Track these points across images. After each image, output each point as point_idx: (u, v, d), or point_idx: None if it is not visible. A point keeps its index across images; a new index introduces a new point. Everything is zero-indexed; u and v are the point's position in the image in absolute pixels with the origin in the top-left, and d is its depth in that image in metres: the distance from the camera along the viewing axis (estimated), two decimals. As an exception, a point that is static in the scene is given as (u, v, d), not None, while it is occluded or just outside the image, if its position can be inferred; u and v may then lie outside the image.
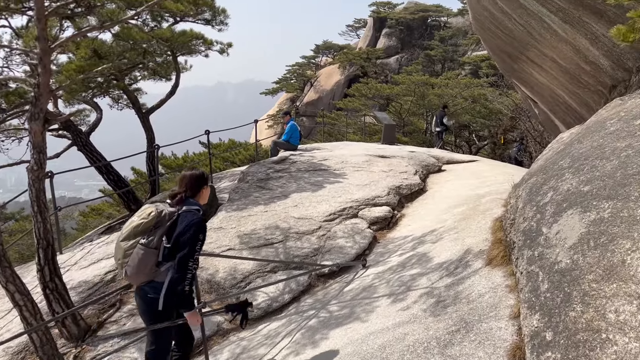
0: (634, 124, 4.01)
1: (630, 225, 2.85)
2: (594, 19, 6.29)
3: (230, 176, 11.58)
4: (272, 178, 9.04)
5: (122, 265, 3.61)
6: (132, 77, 11.41)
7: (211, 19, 9.55)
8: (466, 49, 43.60)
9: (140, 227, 3.59)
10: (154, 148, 10.87)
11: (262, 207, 7.81)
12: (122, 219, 11.36)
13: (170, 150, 20.63)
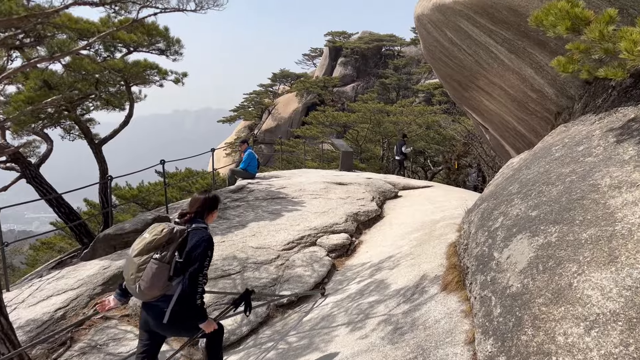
0: (577, 150, 4.19)
1: (575, 248, 2.96)
2: (538, 49, 6.59)
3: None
4: (229, 207, 8.96)
5: (134, 280, 3.68)
6: (84, 107, 11.19)
7: (165, 49, 9.52)
8: (419, 77, 44.79)
9: (154, 243, 3.70)
10: (107, 179, 10.63)
11: (219, 238, 7.71)
12: (74, 252, 10.99)
13: (124, 181, 20.17)
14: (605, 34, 3.29)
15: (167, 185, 13.12)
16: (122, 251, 8.25)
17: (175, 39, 9.38)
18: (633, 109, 4.33)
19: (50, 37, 6.28)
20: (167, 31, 9.27)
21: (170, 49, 9.47)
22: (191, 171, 22.94)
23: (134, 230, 8.63)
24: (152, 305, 3.77)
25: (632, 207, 2.96)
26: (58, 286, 7.34)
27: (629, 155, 3.50)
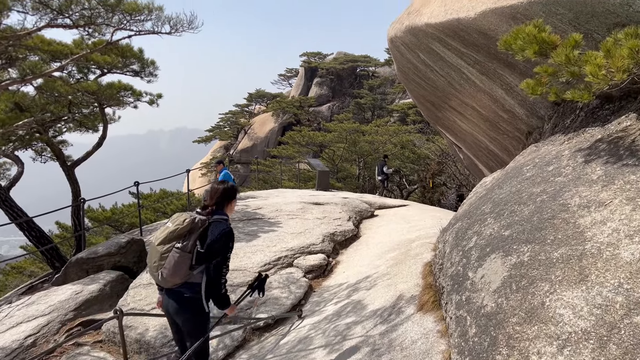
0: (547, 170, 4.28)
1: (547, 267, 3.01)
2: (508, 71, 6.75)
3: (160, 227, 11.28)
4: (205, 229, 8.88)
5: (157, 267, 3.84)
6: (57, 129, 11.03)
7: (140, 70, 9.48)
8: (394, 96, 45.40)
9: (176, 232, 3.80)
10: (79, 202, 10.44)
11: (194, 260, 7.62)
12: (45, 277, 10.71)
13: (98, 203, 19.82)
14: (571, 58, 3.40)
15: (141, 207, 12.96)
16: (95, 275, 8.09)
17: (149, 61, 9.36)
18: (600, 129, 4.46)
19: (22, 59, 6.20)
20: (141, 53, 9.24)
21: (145, 71, 9.44)
22: (166, 192, 22.68)
23: (107, 254, 8.48)
24: (174, 291, 3.90)
25: (600, 227, 3.03)
26: (28, 312, 7.14)
27: (597, 175, 3.60)
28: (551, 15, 4.24)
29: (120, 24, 6.36)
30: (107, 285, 7.71)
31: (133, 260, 8.74)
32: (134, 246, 8.86)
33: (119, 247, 8.64)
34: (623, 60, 3.07)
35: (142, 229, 11.60)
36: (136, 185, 11.21)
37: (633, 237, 2.80)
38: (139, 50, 9.06)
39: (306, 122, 45.16)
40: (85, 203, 10.76)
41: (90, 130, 11.03)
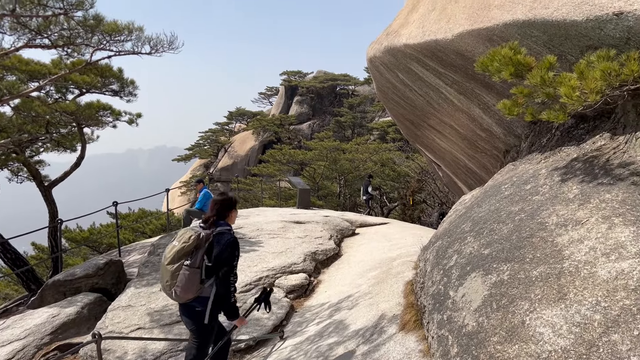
0: (525, 189, 4.35)
1: (527, 286, 3.04)
2: (485, 91, 6.87)
3: (140, 248, 11.13)
4: (185, 249, 8.79)
5: (170, 286, 4.00)
6: (34, 149, 10.87)
7: (119, 90, 9.42)
8: (373, 115, 45.80)
9: (184, 250, 3.98)
10: (56, 223, 10.27)
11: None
12: (20, 299, 10.47)
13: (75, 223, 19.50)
14: (546, 79, 3.48)
15: (119, 228, 12.79)
16: (72, 298, 7.93)
17: (129, 80, 9.31)
18: (575, 148, 4.55)
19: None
20: (121, 72, 9.20)
21: (124, 90, 9.39)
22: (145, 212, 22.46)
23: (85, 275, 8.34)
24: (187, 305, 4.09)
25: (577, 245, 3.08)
26: (3, 337, 6.96)
27: (573, 194, 3.66)
28: (526, 38, 4.35)
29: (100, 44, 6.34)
30: (85, 308, 7.56)
31: (111, 281, 8.60)
32: (112, 267, 8.72)
33: (97, 269, 8.49)
34: (596, 82, 3.15)
35: (121, 250, 11.45)
36: (114, 205, 11.07)
37: (609, 256, 2.85)
38: (119, 70, 9.02)
39: (287, 140, 45.25)
40: (63, 224, 10.59)
41: (68, 150, 10.88)
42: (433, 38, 6.24)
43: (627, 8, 3.12)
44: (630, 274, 2.66)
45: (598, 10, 3.34)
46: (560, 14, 3.71)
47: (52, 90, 9.15)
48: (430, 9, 6.90)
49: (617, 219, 3.10)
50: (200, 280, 4.00)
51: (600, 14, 3.32)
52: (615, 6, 3.20)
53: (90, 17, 6.23)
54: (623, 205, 3.21)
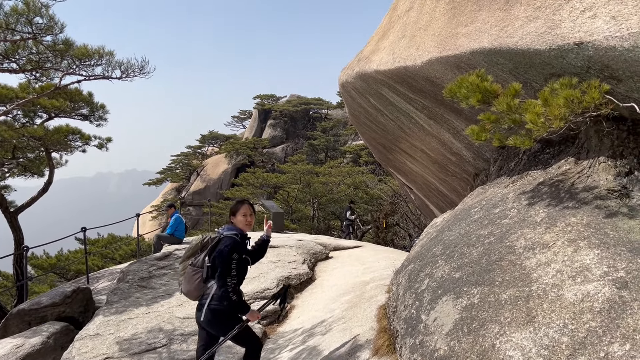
0: (494, 212, 4.42)
1: (497, 309, 3.08)
2: (454, 116, 7.01)
3: (109, 275, 10.89)
4: (155, 276, 8.62)
5: (179, 283, 4.39)
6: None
7: (89, 114, 9.29)
8: (346, 138, 46.17)
9: (190, 251, 4.41)
10: (22, 250, 9.98)
11: (144, 309, 7.37)
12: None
13: (42, 250, 18.98)
14: (512, 106, 3.58)
15: (88, 254, 12.51)
16: (37, 327, 7.68)
17: (99, 104, 9.20)
18: (542, 172, 4.67)
19: (-37, 103, 6.00)
20: (91, 97, 9.08)
21: (94, 114, 9.27)
22: (114, 237, 22.04)
23: (52, 304, 8.10)
24: (200, 304, 4.30)
25: (545, 268, 3.14)
26: (-39, 371, 6.69)
27: (540, 217, 3.75)
28: (493, 65, 4.47)
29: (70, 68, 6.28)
30: (51, 338, 7.33)
31: (79, 310, 8.37)
32: (80, 295, 8.50)
33: (64, 297, 8.26)
34: (559, 109, 3.26)
35: (89, 277, 11.18)
36: (83, 231, 10.83)
37: (575, 278, 2.92)
38: (89, 94, 8.91)
39: (260, 163, 45.20)
40: (29, 250, 10.30)
41: (35, 175, 10.65)
42: (403, 64, 6.36)
43: (587, 39, 3.24)
44: (596, 297, 2.72)
45: (560, 40, 3.47)
46: (524, 42, 3.83)
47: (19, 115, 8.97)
48: (400, 36, 7.05)
49: (582, 242, 3.18)
50: (202, 279, 4.26)
51: (562, 43, 3.44)
52: (576, 36, 3.33)
53: (60, 42, 6.18)
54: (588, 229, 3.29)
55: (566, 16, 3.45)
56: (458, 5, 5.18)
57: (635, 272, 2.77)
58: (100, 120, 9.49)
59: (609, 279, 2.80)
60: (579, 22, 3.32)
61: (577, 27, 3.32)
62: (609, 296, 2.69)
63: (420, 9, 6.57)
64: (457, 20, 5.06)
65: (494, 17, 4.34)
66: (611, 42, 3.04)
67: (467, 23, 4.82)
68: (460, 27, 4.93)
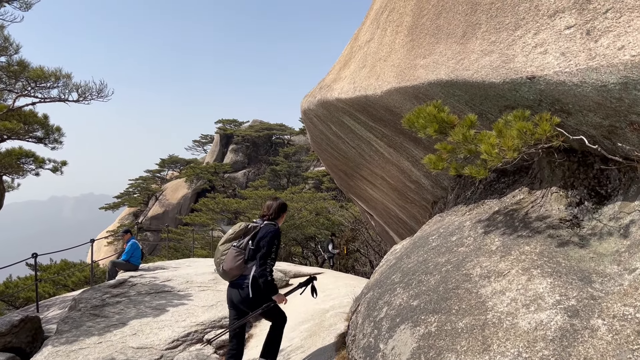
0: (451, 240, 4.48)
1: (453, 338, 3.09)
2: (413, 145, 7.13)
3: (60, 303, 10.48)
4: (108, 304, 8.33)
5: (219, 263, 4.90)
6: (-55, 197, 10.12)
7: (44, 137, 9.01)
8: (308, 164, 46.34)
9: (234, 234, 4.95)
10: (-34, 276, 9.50)
11: (96, 338, 7.09)
12: None
13: (-11, 277, 18.12)
14: (467, 136, 3.66)
15: (38, 280, 12.02)
16: (-21, 360, 7.27)
17: (55, 127, 8.93)
18: (497, 201, 4.77)
19: None
20: (46, 119, 8.82)
21: (50, 137, 8.99)
22: (67, 263, 21.28)
23: (-4, 334, 7.69)
24: (235, 283, 4.85)
25: (500, 296, 3.18)
26: None
27: (496, 246, 3.81)
28: (449, 97, 4.59)
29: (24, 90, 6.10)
30: (-6, 371, 6.95)
31: (26, 340, 7.97)
32: (28, 324, 8.10)
33: (11, 326, 7.86)
34: (513, 140, 3.35)
35: (40, 304, 10.72)
36: (34, 257, 10.41)
37: (529, 307, 2.96)
38: (44, 116, 8.65)
39: (221, 188, 44.76)
40: (-27, 278, 9.81)
41: (-16, 199, 10.20)
42: (364, 94, 6.46)
43: (539, 73, 3.36)
44: (548, 325, 2.77)
45: (513, 73, 3.59)
46: (479, 75, 3.95)
47: (-32, 136, 8.64)
48: (361, 65, 7.17)
49: (535, 271, 3.24)
50: (243, 260, 4.82)
51: (515, 77, 3.56)
52: (529, 71, 3.45)
53: (15, 63, 6.02)
54: (541, 257, 3.37)
55: (519, 51, 3.58)
56: (417, 37, 5.32)
57: (585, 301, 2.84)
58: (55, 144, 9.20)
59: (561, 307, 2.86)
60: (531, 57, 3.45)
61: (530, 62, 3.45)
62: (561, 324, 2.75)
63: (380, 40, 6.73)
64: (416, 52, 5.19)
65: (451, 50, 4.47)
66: (561, 77, 3.17)
67: (425, 55, 4.95)
68: (419, 58, 5.05)
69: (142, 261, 12.20)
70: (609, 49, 2.86)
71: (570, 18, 3.20)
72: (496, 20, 3.92)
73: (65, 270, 20.05)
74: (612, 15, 2.89)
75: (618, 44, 2.81)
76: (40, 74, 6.15)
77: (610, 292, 2.84)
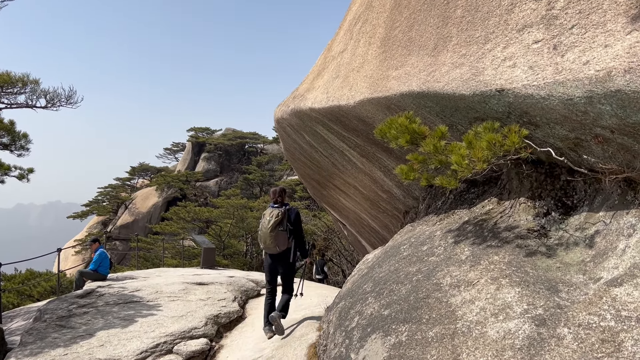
0: (422, 250, 4.52)
1: (423, 347, 3.11)
2: (385, 155, 7.19)
3: (25, 314, 10.18)
4: (75, 315, 8.11)
5: (273, 244, 6.38)
6: None
7: (10, 143, 8.76)
8: (282, 173, 46.21)
9: (277, 221, 6.36)
10: None
11: (62, 350, 6.89)
12: None
13: (-52, 287, 17.44)
14: (438, 147, 3.71)
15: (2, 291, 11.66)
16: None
17: (21, 134, 8.68)
18: (467, 211, 4.84)
19: None
20: (12, 125, 8.57)
21: (16, 144, 8.75)
22: (33, 273, 20.67)
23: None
24: (280, 254, 6.52)
25: (469, 305, 3.22)
26: None
27: (465, 255, 3.86)
28: (421, 108, 4.64)
29: (-11, 95, 5.94)
30: (-49, 385, 6.69)
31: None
32: (-11, 337, 7.84)
33: (-29, 340, 7.59)
34: (483, 151, 3.41)
35: (2, 316, 10.39)
36: (-3, 267, 10.08)
37: (498, 316, 3.00)
38: (10, 122, 8.40)
39: (193, 197, 44.29)
40: None
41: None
42: (337, 104, 6.50)
43: (507, 86, 3.43)
44: (516, 334, 2.81)
45: (483, 86, 3.66)
46: (450, 87, 4.01)
47: None
48: (334, 76, 7.22)
49: (504, 280, 3.29)
50: (288, 237, 6.46)
51: (485, 89, 3.63)
52: (498, 84, 3.52)
53: (-20, 67, 5.86)
54: (509, 267, 3.42)
55: (489, 64, 3.66)
56: (389, 49, 5.38)
57: (552, 310, 2.89)
58: (22, 150, 8.94)
59: (529, 316, 2.90)
60: (500, 70, 3.53)
61: (499, 75, 3.52)
62: (528, 333, 2.79)
63: (353, 50, 6.78)
64: (388, 64, 5.25)
65: (423, 62, 4.54)
66: (529, 90, 3.24)
67: (397, 66, 5.01)
68: (391, 70, 5.11)
69: (111, 271, 11.95)
70: (574, 63, 2.94)
71: (538, 33, 3.28)
72: (467, 34, 3.99)
73: (31, 280, 19.48)
74: (578, 31, 2.97)
75: (583, 58, 2.89)
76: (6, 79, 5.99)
77: (576, 301, 2.90)
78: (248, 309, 9.47)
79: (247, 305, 9.68)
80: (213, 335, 7.65)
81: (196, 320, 7.92)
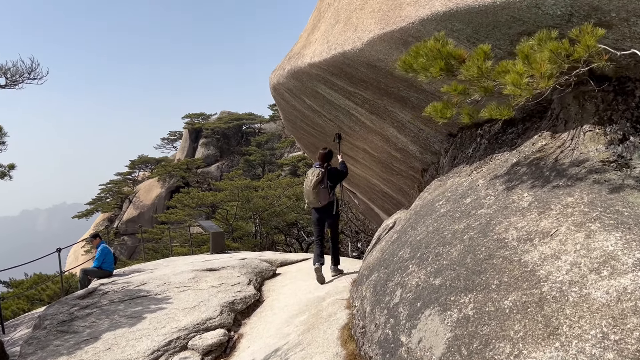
0: (465, 203, 3.78)
1: (501, 321, 2.38)
2: (399, 106, 6.41)
3: (28, 321, 9.58)
4: (77, 318, 7.44)
5: (317, 200, 7.13)
6: None
7: (-19, 139, 8.00)
8: (282, 151, 45.46)
9: (318, 179, 6.97)
10: None
11: (65, 358, 6.24)
12: None
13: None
14: (484, 70, 2.94)
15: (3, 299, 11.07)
16: None
17: (-5, 128, 7.89)
18: (511, 153, 4.08)
19: None
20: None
21: (-11, 139, 7.97)
22: (41, 276, 20.24)
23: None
24: (323, 208, 7.26)
25: (554, 262, 2.48)
26: None
27: (527, 201, 3.12)
28: (447, 34, 3.84)
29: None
30: (-50, 408, 6.08)
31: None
32: (-12, 350, 7.21)
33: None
34: (545, 65, 2.64)
35: (6, 325, 9.80)
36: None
37: (600, 271, 2.27)
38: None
39: (195, 184, 43.62)
40: None
41: None
42: (340, 51, 5.68)
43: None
44: (636, 292, 2.07)
45: (530, -12, 2.87)
46: (486, -1, 3.22)
47: None
48: (334, 22, 6.39)
49: (593, 225, 2.55)
50: (329, 193, 7.14)
51: (533, -9, 2.84)
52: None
53: None
54: (594, 208, 2.68)
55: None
56: (399, -29, 4.55)
57: (676, 256, 2.15)
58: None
59: (644, 267, 2.17)
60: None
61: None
62: (651, 290, 2.05)
63: (353, -13, 5.92)
64: (400, -12, 4.42)
65: (446, -25, 3.72)
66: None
67: (412, -12, 4.19)
68: (405, -6, 4.29)
69: (117, 266, 11.32)
70: None
71: None
72: None
73: (39, 283, 18.98)
74: None
75: None
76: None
77: None
78: (265, 291, 8.80)
79: (263, 288, 9.00)
80: (230, 325, 6.98)
81: (210, 309, 7.24)
